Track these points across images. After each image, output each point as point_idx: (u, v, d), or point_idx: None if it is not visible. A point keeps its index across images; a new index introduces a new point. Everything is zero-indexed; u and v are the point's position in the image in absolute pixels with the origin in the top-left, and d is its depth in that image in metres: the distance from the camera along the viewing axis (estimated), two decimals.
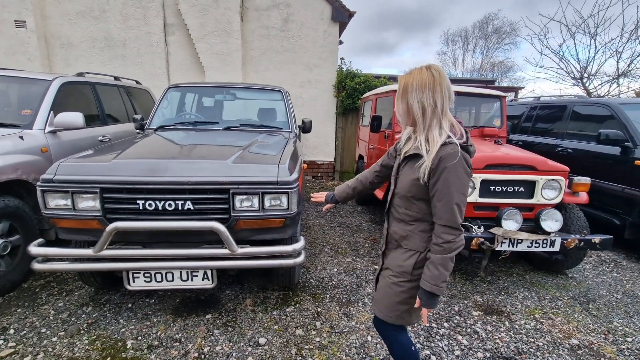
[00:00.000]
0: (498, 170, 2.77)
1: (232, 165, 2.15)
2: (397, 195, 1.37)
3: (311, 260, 3.28)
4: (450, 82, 1.26)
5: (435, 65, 1.26)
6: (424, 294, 1.23)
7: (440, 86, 1.20)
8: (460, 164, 1.17)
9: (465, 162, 1.18)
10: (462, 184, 1.18)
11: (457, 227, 1.19)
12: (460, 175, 1.17)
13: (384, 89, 4.44)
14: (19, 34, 6.18)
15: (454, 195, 1.17)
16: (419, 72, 1.23)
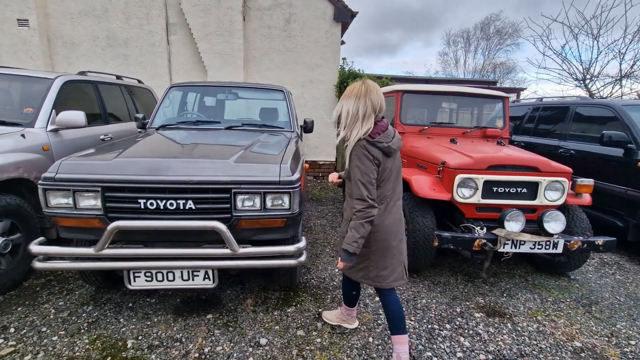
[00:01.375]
0: (501, 171, 2.76)
1: (234, 164, 2.14)
2: (346, 175, 1.79)
3: (312, 261, 3.27)
4: (447, 83, 1.33)
5: (369, 81, 1.70)
6: (343, 253, 1.68)
7: (364, 98, 1.63)
8: (363, 153, 1.61)
9: (367, 151, 1.62)
10: (365, 167, 1.61)
11: (364, 199, 1.61)
12: (362, 161, 1.62)
13: (386, 89, 4.42)
14: (21, 33, 6.19)
15: (357, 174, 1.62)
16: (354, 85, 1.69)
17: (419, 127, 3.91)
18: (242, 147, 2.52)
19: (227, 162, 2.15)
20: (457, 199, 2.74)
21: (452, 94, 4.01)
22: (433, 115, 4.26)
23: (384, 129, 1.69)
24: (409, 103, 3.98)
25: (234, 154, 2.30)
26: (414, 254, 2.83)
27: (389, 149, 1.67)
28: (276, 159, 2.29)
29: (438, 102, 4.14)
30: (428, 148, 3.29)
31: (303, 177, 2.51)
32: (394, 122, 3.95)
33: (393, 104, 4.02)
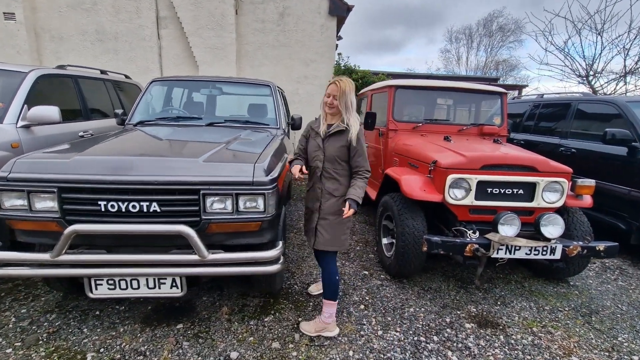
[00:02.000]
0: (496, 171, 2.58)
1: (204, 164, 1.97)
2: (327, 160, 2.06)
3: (297, 264, 3.11)
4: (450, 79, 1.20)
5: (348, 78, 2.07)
6: (354, 203, 1.94)
7: (353, 92, 2.03)
8: (362, 134, 2.05)
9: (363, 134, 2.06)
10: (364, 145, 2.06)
11: (369, 167, 2.07)
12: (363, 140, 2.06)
13: (379, 85, 4.25)
14: (8, 27, 6.05)
15: (364, 150, 2.05)
16: (346, 82, 2.01)
17: (413, 124, 3.74)
18: (219, 145, 2.36)
19: (196, 161, 1.98)
20: (448, 201, 2.57)
21: (446, 89, 3.83)
22: (428, 112, 4.09)
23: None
24: (402, 99, 3.80)
25: (206, 152, 2.14)
26: (402, 259, 2.67)
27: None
28: (251, 158, 2.13)
29: (433, 98, 3.95)
30: (420, 146, 3.11)
31: (283, 177, 2.35)
32: (386, 119, 3.78)
33: (386, 100, 3.84)
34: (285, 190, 2.56)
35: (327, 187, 2.06)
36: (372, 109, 4.50)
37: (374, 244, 3.61)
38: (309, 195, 2.19)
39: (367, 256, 3.36)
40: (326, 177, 2.06)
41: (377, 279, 2.90)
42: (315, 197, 2.11)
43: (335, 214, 2.04)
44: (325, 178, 2.07)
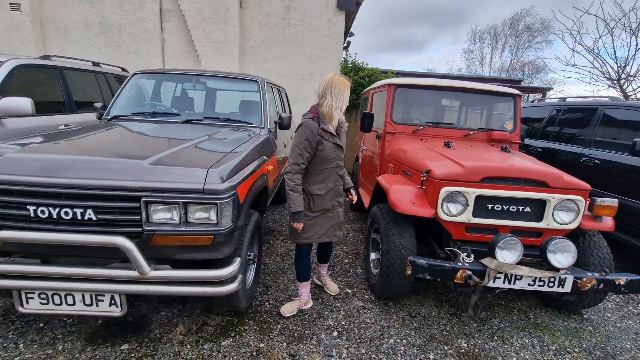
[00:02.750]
0: (498, 185, 2.23)
1: (149, 167, 1.73)
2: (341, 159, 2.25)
3: (275, 277, 2.84)
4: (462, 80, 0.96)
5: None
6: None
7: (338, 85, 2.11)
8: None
9: None
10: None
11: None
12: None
13: (379, 83, 3.92)
14: (14, 17, 6.04)
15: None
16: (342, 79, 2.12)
17: (413, 127, 3.39)
18: (181, 145, 2.12)
19: (140, 163, 1.74)
20: (441, 217, 2.24)
21: (451, 89, 3.46)
22: (431, 114, 3.73)
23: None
24: (402, 99, 3.47)
25: (159, 153, 1.89)
26: (387, 279, 2.36)
27: None
28: (208, 161, 1.87)
29: (437, 99, 3.59)
30: (415, 152, 2.78)
31: (251, 181, 2.08)
32: (384, 120, 3.45)
33: (385, 100, 3.51)
34: (254, 196, 2.28)
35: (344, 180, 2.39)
36: (372, 110, 4.17)
37: (364, 257, 3.30)
38: (328, 195, 2.22)
39: (354, 271, 3.06)
40: (340, 174, 2.31)
41: (359, 299, 2.59)
42: (338, 194, 2.28)
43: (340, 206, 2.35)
44: (339, 174, 2.29)
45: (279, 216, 4.38)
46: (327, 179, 2.19)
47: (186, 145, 2.14)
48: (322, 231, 2.26)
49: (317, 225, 2.23)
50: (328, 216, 2.26)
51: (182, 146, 2.10)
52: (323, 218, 2.25)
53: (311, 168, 2.15)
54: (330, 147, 2.12)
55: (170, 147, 2.05)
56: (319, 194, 2.18)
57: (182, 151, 2.02)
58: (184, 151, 2.02)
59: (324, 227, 2.26)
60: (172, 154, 1.93)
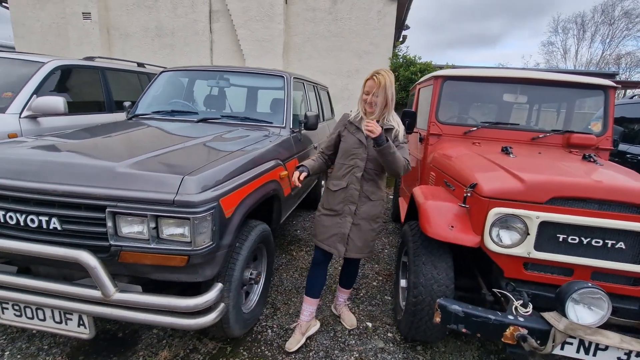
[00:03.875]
0: (576, 208, 1.61)
1: (119, 172, 1.49)
2: (370, 160, 1.87)
3: (288, 297, 2.50)
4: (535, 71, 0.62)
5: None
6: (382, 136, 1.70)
7: (393, 85, 1.85)
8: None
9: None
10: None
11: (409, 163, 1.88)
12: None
13: (425, 77, 3.36)
14: (85, 26, 6.59)
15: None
16: (388, 73, 1.84)
17: (464, 127, 2.79)
18: (174, 147, 1.88)
19: (110, 167, 1.51)
20: (489, 247, 1.69)
21: (516, 80, 2.77)
22: (491, 113, 3.07)
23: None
24: (451, 94, 2.88)
25: (139, 155, 1.66)
26: (413, 321, 1.87)
27: None
28: (191, 166, 1.58)
29: (498, 93, 2.92)
30: (461, 159, 2.22)
31: (249, 190, 1.76)
32: (428, 119, 2.90)
33: (430, 97, 2.96)
34: (255, 206, 1.96)
35: (365, 189, 1.90)
36: (418, 107, 3.62)
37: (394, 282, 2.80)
38: (339, 196, 1.92)
39: (381, 297, 2.58)
40: (366, 179, 1.89)
41: (380, 337, 2.13)
42: (350, 200, 1.90)
43: (369, 219, 1.91)
44: (365, 179, 1.89)
45: (310, 223, 4.04)
46: (343, 177, 1.93)
47: (180, 146, 1.89)
48: (323, 235, 1.95)
49: (321, 225, 1.97)
50: (334, 220, 1.94)
51: (173, 148, 1.85)
52: (329, 220, 1.95)
53: (336, 161, 2.01)
54: (351, 141, 1.90)
55: (161, 148, 1.82)
56: (332, 189, 1.96)
57: (170, 154, 1.77)
58: (171, 154, 1.77)
59: (326, 231, 1.94)
60: (155, 157, 1.68)
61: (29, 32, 7.06)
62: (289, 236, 3.61)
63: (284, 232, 3.69)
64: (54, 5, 6.73)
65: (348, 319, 2.23)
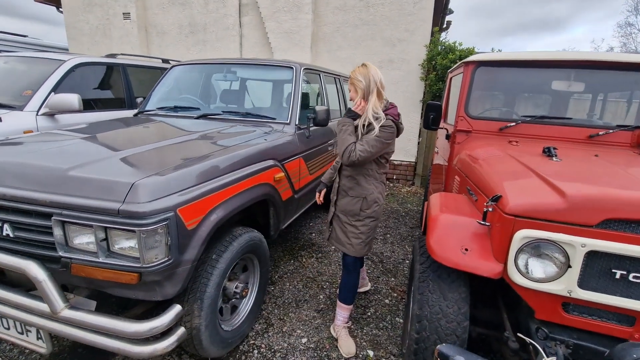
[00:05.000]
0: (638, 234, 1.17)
1: (68, 175, 1.34)
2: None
3: (285, 311, 2.26)
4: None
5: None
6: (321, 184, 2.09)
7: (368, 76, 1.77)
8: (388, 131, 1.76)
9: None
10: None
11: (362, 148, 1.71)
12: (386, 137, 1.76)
13: (457, 65, 2.90)
14: (126, 26, 6.85)
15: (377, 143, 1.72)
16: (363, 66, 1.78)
17: (500, 122, 2.33)
18: (146, 147, 1.71)
19: (60, 170, 1.36)
20: (514, 279, 1.30)
21: (569, 64, 2.23)
22: (535, 104, 2.56)
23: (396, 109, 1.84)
24: (485, 82, 2.43)
25: (100, 157, 1.51)
26: (416, 356, 1.53)
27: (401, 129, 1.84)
28: (149, 169, 1.39)
29: (546, 81, 2.39)
30: (489, 162, 1.80)
31: (217, 197, 1.55)
32: (456, 113, 2.48)
33: (459, 87, 2.53)
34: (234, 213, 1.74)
35: (342, 183, 1.91)
36: (449, 99, 3.17)
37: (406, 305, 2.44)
38: (333, 186, 2.02)
39: (392, 319, 2.25)
40: (344, 174, 1.89)
41: None
42: (334, 190, 1.97)
43: (348, 214, 1.88)
44: (342, 174, 1.90)
45: None
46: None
47: (153, 146, 1.71)
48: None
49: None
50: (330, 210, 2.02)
51: (146, 148, 1.68)
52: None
53: None
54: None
55: (131, 148, 1.65)
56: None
57: (138, 155, 1.59)
58: (140, 155, 1.59)
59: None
60: (118, 158, 1.52)
61: (80, 34, 7.52)
62: (302, 240, 3.37)
63: (296, 235, 3.46)
64: (100, 8, 7.08)
65: (345, 344, 1.94)
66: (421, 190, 5.57)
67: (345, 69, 5.98)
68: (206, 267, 1.61)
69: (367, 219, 1.85)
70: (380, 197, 1.87)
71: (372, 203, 1.83)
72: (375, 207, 1.85)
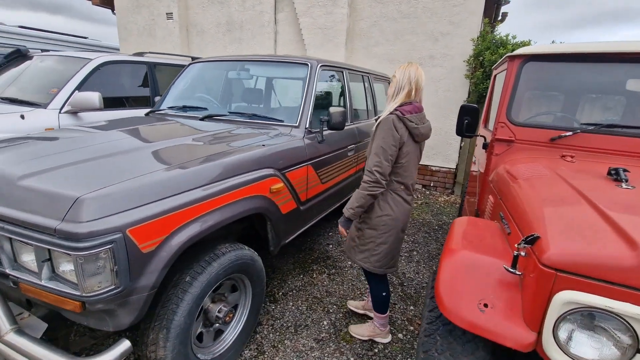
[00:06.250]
0: None
1: (18, 185, 1.20)
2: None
3: (282, 337, 2.02)
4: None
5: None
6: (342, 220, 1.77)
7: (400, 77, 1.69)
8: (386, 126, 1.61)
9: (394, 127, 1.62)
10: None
11: (372, 171, 1.62)
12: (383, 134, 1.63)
13: (501, 60, 2.44)
14: (168, 25, 7.05)
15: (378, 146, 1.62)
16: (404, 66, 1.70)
17: (552, 131, 1.87)
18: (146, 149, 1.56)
19: (13, 177, 1.24)
20: (553, 356, 0.93)
21: None
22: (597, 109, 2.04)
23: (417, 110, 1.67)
24: (534, 81, 1.98)
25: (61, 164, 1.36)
26: None
27: (417, 132, 1.65)
28: (103, 182, 1.21)
29: (616, 79, 1.87)
30: (530, 183, 1.40)
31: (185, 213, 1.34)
32: (495, 118, 2.05)
33: (501, 86, 2.09)
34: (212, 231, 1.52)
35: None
36: (492, 101, 2.71)
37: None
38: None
39: (404, 357, 1.91)
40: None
41: None
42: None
43: (360, 223, 1.81)
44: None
45: None
46: None
47: (126, 155, 1.54)
48: None
49: None
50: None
51: (117, 156, 1.51)
52: None
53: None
54: None
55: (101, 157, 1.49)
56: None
57: (101, 162, 1.42)
58: (102, 163, 1.41)
59: None
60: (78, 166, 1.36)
61: (129, 34, 7.91)
62: (317, 251, 3.11)
63: (312, 245, 3.21)
64: (147, 9, 7.38)
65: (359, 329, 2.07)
66: (460, 200, 5.03)
67: (382, 65, 5.59)
68: (177, 291, 1.41)
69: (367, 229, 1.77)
70: (387, 207, 1.72)
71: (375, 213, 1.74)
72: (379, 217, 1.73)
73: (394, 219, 1.72)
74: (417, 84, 1.64)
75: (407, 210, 1.77)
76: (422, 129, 1.67)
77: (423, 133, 1.67)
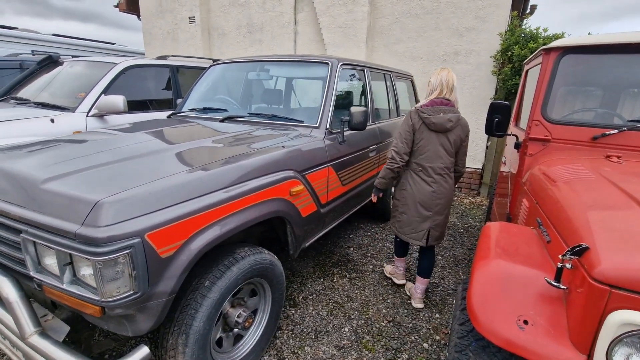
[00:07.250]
0: None
1: (41, 189, 1.21)
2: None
3: (301, 343, 1.97)
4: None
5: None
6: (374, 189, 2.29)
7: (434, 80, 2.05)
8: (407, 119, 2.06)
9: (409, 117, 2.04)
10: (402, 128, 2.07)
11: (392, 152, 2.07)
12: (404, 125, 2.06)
13: (535, 53, 2.29)
14: (191, 29, 7.18)
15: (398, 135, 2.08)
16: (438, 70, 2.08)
17: (594, 129, 1.73)
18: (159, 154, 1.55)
19: (35, 180, 1.24)
20: None
21: None
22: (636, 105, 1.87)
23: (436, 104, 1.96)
24: (572, 76, 1.83)
25: (82, 167, 1.37)
26: None
27: (429, 121, 1.94)
28: (124, 186, 1.20)
29: None
30: (573, 186, 1.28)
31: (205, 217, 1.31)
32: (529, 116, 1.92)
33: (535, 82, 1.96)
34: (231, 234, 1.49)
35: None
36: (524, 97, 2.55)
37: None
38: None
39: None
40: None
41: None
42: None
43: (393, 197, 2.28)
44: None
45: (369, 239, 3.38)
46: None
47: (146, 157, 1.53)
48: None
49: None
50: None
51: (137, 159, 1.51)
52: None
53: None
54: None
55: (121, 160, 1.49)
56: None
57: (119, 167, 1.41)
58: (121, 166, 1.41)
59: None
60: (99, 170, 1.36)
61: (154, 39, 8.13)
62: (337, 254, 3.04)
63: (332, 248, 3.14)
64: (170, 13, 7.55)
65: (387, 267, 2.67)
66: (487, 202, 4.83)
67: (403, 64, 5.45)
68: (196, 296, 1.39)
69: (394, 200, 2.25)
70: (407, 184, 2.11)
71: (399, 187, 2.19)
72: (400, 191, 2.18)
73: (411, 194, 2.09)
74: (447, 84, 1.96)
75: (425, 190, 2.05)
76: (434, 119, 1.92)
77: (435, 122, 1.92)
